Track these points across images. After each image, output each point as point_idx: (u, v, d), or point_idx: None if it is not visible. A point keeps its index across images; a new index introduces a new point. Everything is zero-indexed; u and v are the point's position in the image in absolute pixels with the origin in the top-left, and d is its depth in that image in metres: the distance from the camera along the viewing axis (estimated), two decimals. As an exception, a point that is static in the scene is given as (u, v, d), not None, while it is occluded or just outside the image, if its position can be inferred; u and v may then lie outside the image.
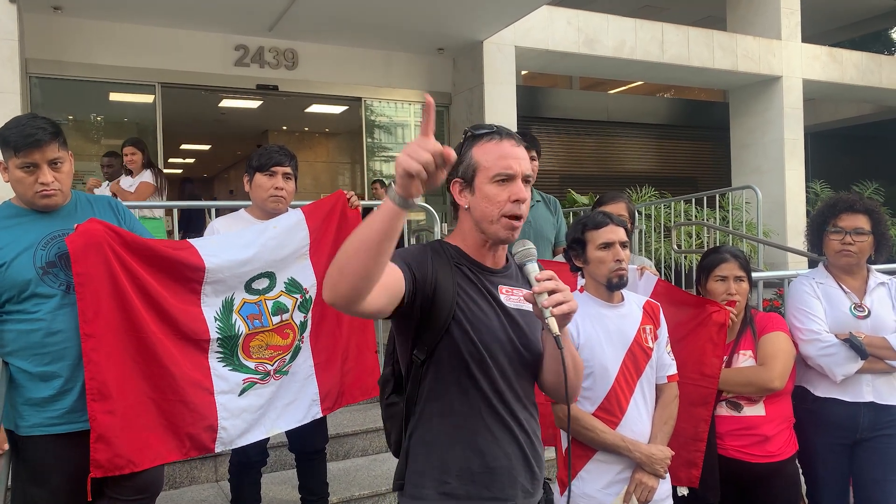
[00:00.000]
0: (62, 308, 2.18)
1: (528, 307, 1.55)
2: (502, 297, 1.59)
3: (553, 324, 1.43)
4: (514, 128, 8.55)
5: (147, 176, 5.78)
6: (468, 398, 1.54)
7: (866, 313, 2.62)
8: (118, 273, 2.27)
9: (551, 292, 1.44)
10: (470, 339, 1.53)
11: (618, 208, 3.02)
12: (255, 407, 2.63)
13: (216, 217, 3.34)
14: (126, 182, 5.86)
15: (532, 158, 3.51)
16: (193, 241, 2.57)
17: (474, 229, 1.59)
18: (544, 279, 1.44)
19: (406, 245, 6.10)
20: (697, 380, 2.48)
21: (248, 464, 2.98)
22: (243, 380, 2.60)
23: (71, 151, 2.28)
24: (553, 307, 1.43)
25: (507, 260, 1.69)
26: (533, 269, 1.49)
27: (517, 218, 1.54)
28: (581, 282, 2.38)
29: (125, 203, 2.65)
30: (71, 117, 7.81)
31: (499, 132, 1.57)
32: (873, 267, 2.75)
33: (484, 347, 1.54)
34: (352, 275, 1.24)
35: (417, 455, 1.57)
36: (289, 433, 2.90)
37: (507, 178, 1.52)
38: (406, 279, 1.45)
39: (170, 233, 5.68)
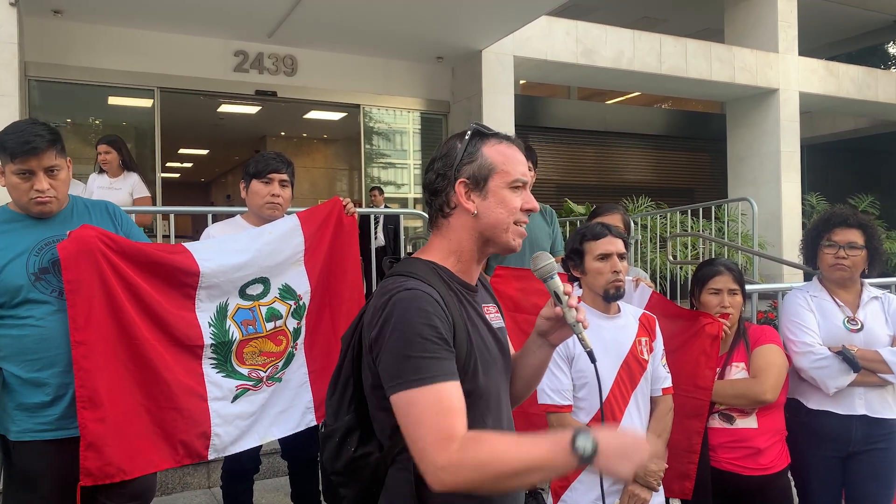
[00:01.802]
0: (55, 314, 2.18)
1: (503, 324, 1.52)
2: (489, 318, 1.49)
3: (587, 337, 1.39)
4: (511, 137, 8.60)
5: (139, 186, 5.24)
6: None
7: (859, 327, 2.63)
8: (110, 280, 2.26)
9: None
10: (485, 375, 1.40)
11: (613, 219, 3.03)
12: (248, 413, 2.62)
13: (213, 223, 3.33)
14: (101, 181, 5.24)
15: (528, 168, 3.51)
16: (188, 245, 2.56)
17: (473, 239, 1.42)
18: (572, 293, 1.39)
19: (403, 253, 6.10)
20: (691, 391, 2.49)
21: (241, 471, 2.97)
22: (236, 386, 2.59)
23: (69, 157, 2.28)
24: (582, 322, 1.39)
25: None
26: (559, 283, 1.41)
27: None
28: (578, 292, 2.39)
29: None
30: (69, 121, 7.82)
31: (509, 137, 1.49)
32: (867, 281, 2.77)
33: (495, 381, 1.44)
34: (502, 488, 1.24)
35: None
36: (282, 440, 2.89)
37: (521, 185, 1.45)
38: (458, 378, 1.31)
39: (166, 237, 5.64)
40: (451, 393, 1.25)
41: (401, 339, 1.27)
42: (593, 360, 1.42)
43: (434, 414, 1.22)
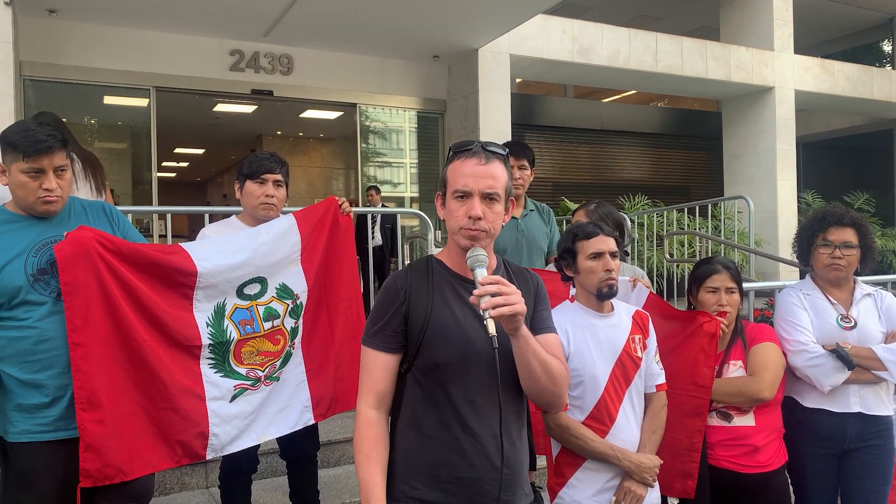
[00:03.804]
0: (53, 315, 2.18)
1: None
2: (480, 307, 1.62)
3: (490, 324, 1.47)
4: (507, 136, 8.58)
5: None
6: (438, 410, 1.65)
7: (853, 324, 2.64)
8: (107, 281, 2.26)
9: (494, 295, 1.47)
10: (443, 349, 1.63)
11: (578, 216, 3.08)
12: (246, 413, 2.62)
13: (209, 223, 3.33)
14: None
15: (523, 168, 3.52)
16: (185, 246, 2.56)
17: (451, 240, 1.70)
18: (487, 283, 1.48)
19: (400, 253, 6.09)
20: (690, 390, 2.49)
21: (239, 470, 2.97)
22: (234, 386, 2.59)
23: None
24: (492, 309, 1.46)
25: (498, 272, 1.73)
26: (480, 273, 1.55)
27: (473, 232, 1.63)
28: (572, 291, 2.40)
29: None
30: (65, 120, 7.79)
31: (472, 149, 1.64)
32: (859, 278, 2.78)
33: (459, 357, 1.63)
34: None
35: (394, 459, 1.69)
36: (280, 440, 2.90)
37: (464, 195, 1.62)
38: (390, 353, 1.68)
39: (162, 237, 5.62)
40: (366, 354, 1.70)
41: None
42: (494, 347, 1.49)
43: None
